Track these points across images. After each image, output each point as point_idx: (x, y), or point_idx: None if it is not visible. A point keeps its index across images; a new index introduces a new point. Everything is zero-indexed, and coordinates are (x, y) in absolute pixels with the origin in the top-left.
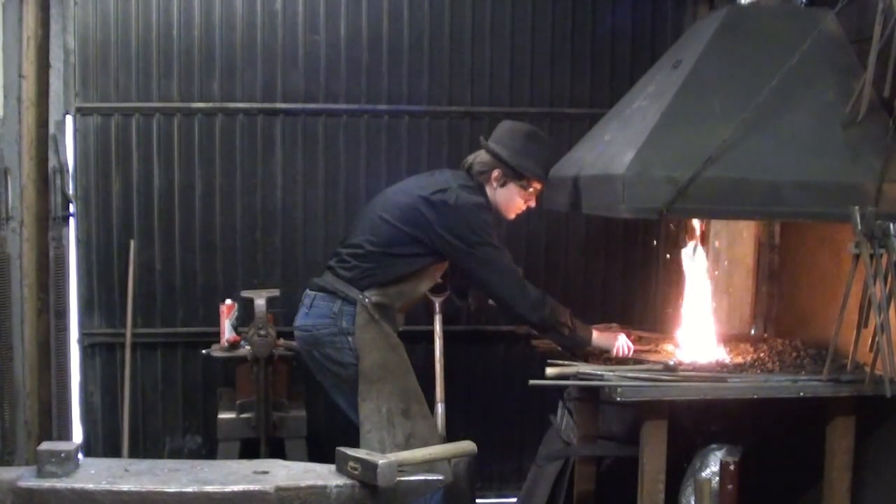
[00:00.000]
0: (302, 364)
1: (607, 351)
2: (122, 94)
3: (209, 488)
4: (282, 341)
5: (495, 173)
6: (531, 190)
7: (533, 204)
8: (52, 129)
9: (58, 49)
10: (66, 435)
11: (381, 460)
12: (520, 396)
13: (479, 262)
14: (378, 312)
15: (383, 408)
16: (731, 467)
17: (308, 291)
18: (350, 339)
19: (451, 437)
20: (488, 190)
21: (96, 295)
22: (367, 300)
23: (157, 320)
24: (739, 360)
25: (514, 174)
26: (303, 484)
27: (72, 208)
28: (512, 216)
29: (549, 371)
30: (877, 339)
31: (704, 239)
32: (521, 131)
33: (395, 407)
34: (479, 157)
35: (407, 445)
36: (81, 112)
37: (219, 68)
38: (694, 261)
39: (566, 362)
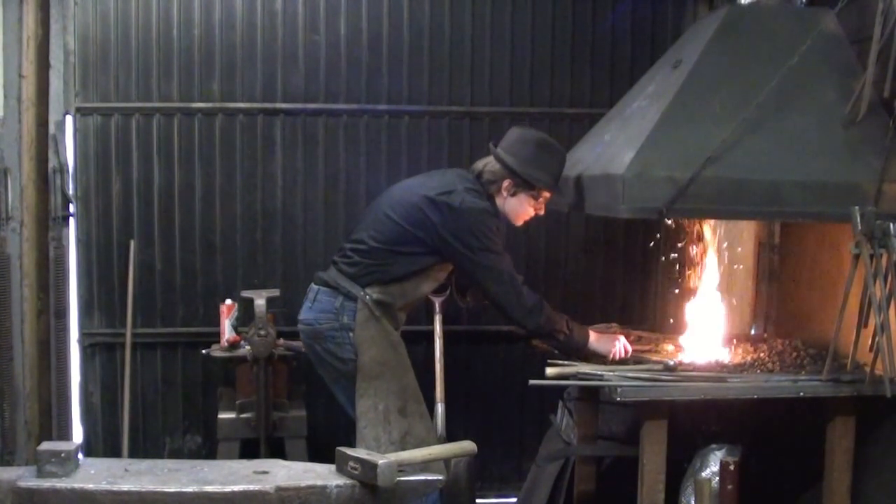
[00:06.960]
0: (302, 364)
1: (605, 355)
2: (122, 94)
3: (209, 488)
4: (282, 341)
5: (506, 183)
6: (541, 199)
7: (542, 212)
8: (52, 129)
9: (58, 49)
10: (66, 435)
11: (381, 460)
12: (520, 396)
13: (479, 267)
14: (379, 310)
15: (380, 405)
16: (731, 467)
17: (312, 285)
18: (350, 334)
19: (451, 437)
20: (497, 199)
21: (96, 295)
22: (368, 297)
23: (157, 320)
24: (739, 360)
25: (525, 184)
26: (303, 484)
27: (72, 208)
28: (520, 224)
29: (549, 371)
30: (877, 339)
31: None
32: (531, 140)
33: (392, 404)
34: (489, 166)
35: (402, 443)
36: (81, 112)
37: (219, 68)
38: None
39: (566, 362)
